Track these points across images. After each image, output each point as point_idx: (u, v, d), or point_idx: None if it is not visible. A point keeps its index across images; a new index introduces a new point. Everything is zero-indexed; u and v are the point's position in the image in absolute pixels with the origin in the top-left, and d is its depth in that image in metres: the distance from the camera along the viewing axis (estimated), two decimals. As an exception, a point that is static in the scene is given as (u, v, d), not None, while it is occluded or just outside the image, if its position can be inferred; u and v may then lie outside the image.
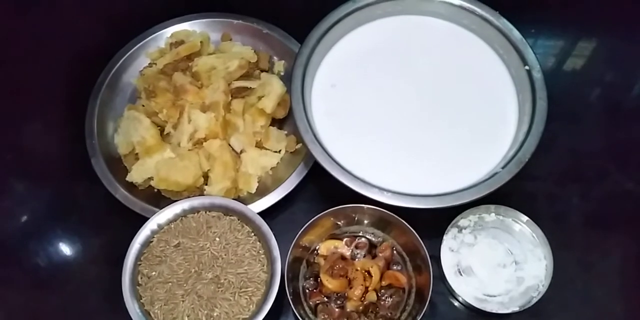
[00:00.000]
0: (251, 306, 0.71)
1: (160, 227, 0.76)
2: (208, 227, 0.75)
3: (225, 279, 0.72)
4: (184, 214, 0.76)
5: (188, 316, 0.71)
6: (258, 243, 0.75)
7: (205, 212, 0.77)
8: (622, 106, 0.97)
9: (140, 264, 0.74)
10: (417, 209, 0.72)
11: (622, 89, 0.99)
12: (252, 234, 0.75)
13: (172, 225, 0.76)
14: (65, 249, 0.86)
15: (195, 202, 0.77)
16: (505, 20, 0.82)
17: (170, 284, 0.72)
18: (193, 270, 0.73)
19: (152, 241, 0.75)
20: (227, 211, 0.77)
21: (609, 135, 0.93)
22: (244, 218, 0.76)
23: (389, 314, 0.76)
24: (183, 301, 0.71)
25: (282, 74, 0.93)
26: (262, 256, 0.74)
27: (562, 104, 0.82)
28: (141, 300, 0.72)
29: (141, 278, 0.73)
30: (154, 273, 0.73)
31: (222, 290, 0.72)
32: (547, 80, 0.78)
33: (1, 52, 1.00)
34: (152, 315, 0.71)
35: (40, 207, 0.89)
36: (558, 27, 1.03)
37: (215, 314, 0.70)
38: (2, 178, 0.91)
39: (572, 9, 1.04)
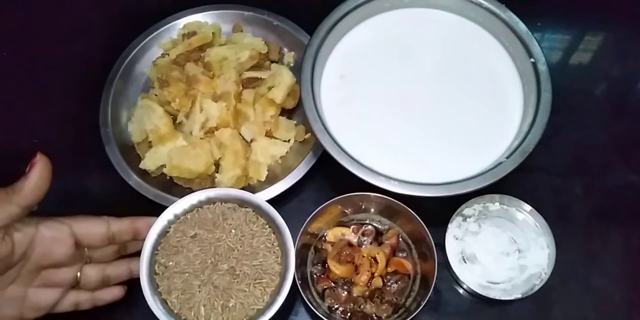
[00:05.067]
0: (265, 297, 0.72)
1: (176, 217, 0.76)
2: (224, 219, 0.76)
3: (240, 270, 0.73)
4: (200, 204, 0.77)
5: (204, 306, 0.71)
6: (272, 235, 0.75)
7: (221, 204, 0.77)
8: (627, 99, 0.98)
9: (157, 254, 0.74)
10: (423, 197, 0.73)
11: (628, 82, 1.00)
12: (267, 226, 0.76)
13: (189, 216, 0.76)
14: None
15: (212, 193, 0.77)
16: (511, 13, 0.83)
17: (187, 274, 0.73)
18: (209, 261, 0.73)
19: (168, 231, 0.76)
20: (242, 203, 0.77)
21: (613, 127, 0.94)
22: (259, 210, 0.76)
23: (394, 300, 0.77)
24: (199, 291, 0.72)
25: (291, 65, 0.95)
26: (277, 248, 0.75)
27: (568, 96, 0.83)
28: (158, 289, 0.73)
29: (158, 267, 0.74)
30: (171, 263, 0.74)
31: (237, 281, 0.72)
32: (553, 73, 0.79)
33: (17, 43, 1.01)
34: (169, 304, 0.72)
35: (54, 194, 0.89)
36: (564, 20, 1.04)
37: (230, 304, 0.71)
38: (17, 166, 0.92)
39: (578, 2, 1.04)
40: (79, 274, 0.70)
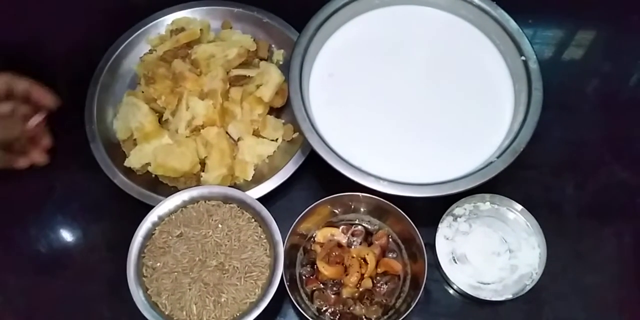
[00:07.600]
0: (257, 290, 0.72)
1: (161, 218, 0.76)
2: (209, 216, 0.76)
3: (230, 265, 0.73)
4: (184, 204, 0.77)
5: (195, 304, 0.71)
6: (259, 228, 0.75)
7: (205, 202, 0.77)
8: (618, 97, 0.98)
9: (144, 257, 0.74)
10: (413, 197, 0.72)
11: (619, 79, 0.99)
12: (253, 220, 0.76)
13: (173, 216, 0.76)
14: (65, 233, 0.87)
15: (194, 192, 0.77)
16: (502, 11, 0.82)
17: (175, 273, 0.73)
18: (197, 259, 0.73)
19: (154, 233, 0.75)
20: (226, 199, 0.77)
21: (604, 125, 0.94)
22: (243, 205, 0.76)
23: (384, 301, 0.77)
24: (190, 289, 0.72)
25: (280, 63, 0.94)
26: (264, 241, 0.75)
27: (559, 94, 0.83)
28: (148, 292, 0.72)
29: (146, 270, 0.73)
30: (158, 264, 0.73)
31: (227, 276, 0.72)
32: (544, 71, 0.79)
33: (2, 38, 1.00)
34: (160, 306, 0.72)
35: (39, 191, 0.89)
36: (555, 17, 1.04)
37: (222, 300, 0.71)
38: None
39: (569, -1, 1.04)
40: None
